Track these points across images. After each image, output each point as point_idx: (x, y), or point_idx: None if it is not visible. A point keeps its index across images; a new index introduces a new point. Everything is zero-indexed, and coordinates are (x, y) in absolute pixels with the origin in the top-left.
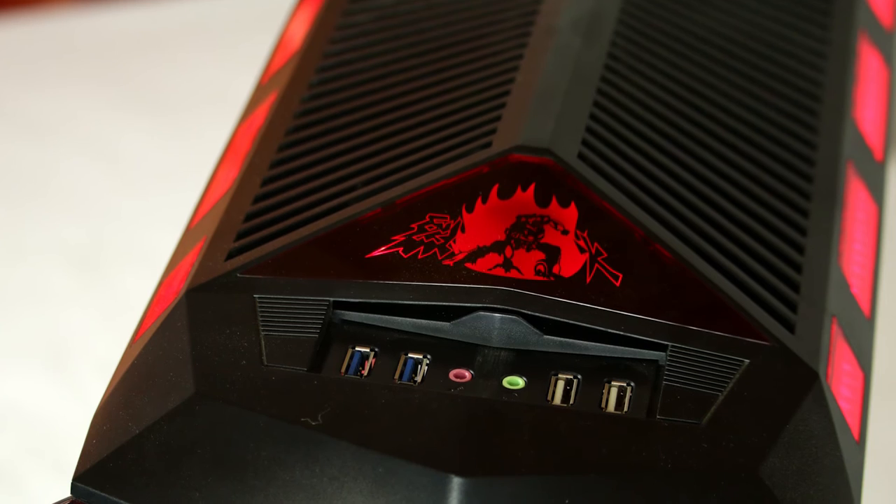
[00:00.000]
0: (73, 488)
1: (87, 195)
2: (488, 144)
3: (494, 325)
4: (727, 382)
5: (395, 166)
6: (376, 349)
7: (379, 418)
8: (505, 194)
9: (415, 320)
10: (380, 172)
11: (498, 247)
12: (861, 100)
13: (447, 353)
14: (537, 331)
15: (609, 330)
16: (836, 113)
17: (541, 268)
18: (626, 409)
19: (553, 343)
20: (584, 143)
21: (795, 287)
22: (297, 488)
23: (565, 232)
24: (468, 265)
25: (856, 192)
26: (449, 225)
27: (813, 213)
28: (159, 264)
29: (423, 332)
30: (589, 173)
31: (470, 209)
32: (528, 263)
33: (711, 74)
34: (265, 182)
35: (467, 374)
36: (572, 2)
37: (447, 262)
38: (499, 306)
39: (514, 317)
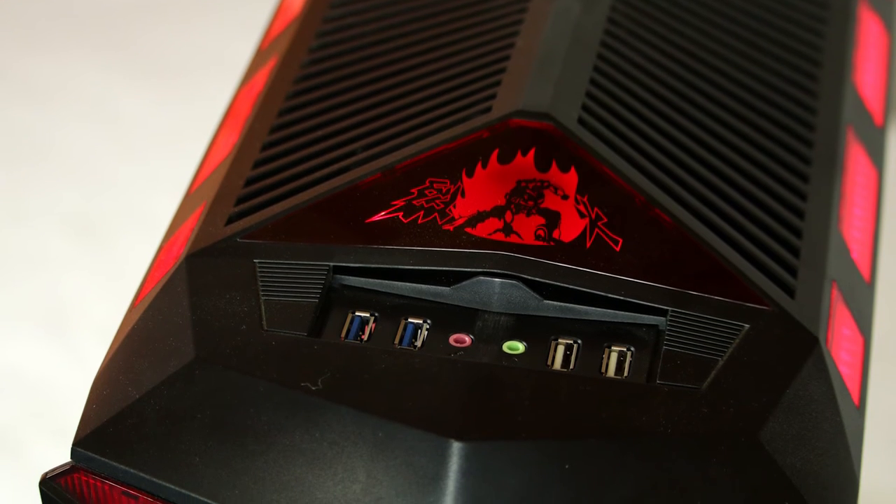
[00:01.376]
0: (73, 453)
1: (86, 160)
2: (488, 109)
3: (494, 290)
4: (727, 347)
5: (395, 131)
6: (376, 314)
7: (379, 383)
8: (505, 159)
9: (415, 285)
10: (380, 137)
11: (498, 211)
12: (861, 64)
13: (447, 317)
14: (537, 295)
15: (609, 295)
16: (836, 78)
17: (541, 232)
18: (626, 373)
19: (553, 308)
20: (584, 107)
21: (795, 252)
22: (296, 453)
23: (565, 197)
24: (468, 230)
25: (856, 157)
26: (449, 190)
27: (813, 178)
28: (159, 229)
29: (423, 297)
30: (589, 138)
31: (470, 174)
32: (528, 228)
33: (711, 39)
34: (265, 147)
35: (467, 339)
36: None
37: (447, 226)
38: (499, 271)
39: (514, 281)
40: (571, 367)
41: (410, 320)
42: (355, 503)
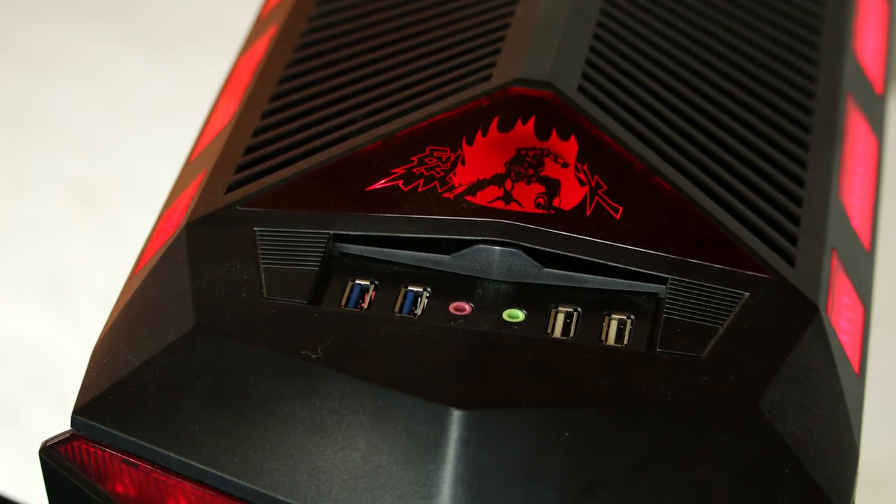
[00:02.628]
0: (73, 421)
1: (87, 128)
2: (488, 77)
3: (494, 258)
4: (727, 315)
5: (395, 99)
6: (376, 282)
7: (379, 351)
8: (505, 127)
9: (415, 253)
10: (380, 105)
11: (498, 180)
12: (861, 32)
13: (447, 285)
14: (537, 263)
15: (609, 263)
16: (836, 46)
17: (541, 201)
18: (626, 341)
19: (553, 276)
20: (584, 76)
21: (795, 220)
22: (296, 421)
23: (565, 165)
24: (468, 198)
25: (856, 125)
26: (449, 158)
27: (813, 146)
28: (159, 197)
29: (423, 265)
30: (589, 106)
31: (470, 142)
32: (528, 196)
33: (711, 7)
34: (265, 115)
35: (467, 307)
36: None
37: (447, 195)
38: (499, 239)
39: (514, 249)
40: (571, 335)
41: (410, 288)
42: (355, 471)
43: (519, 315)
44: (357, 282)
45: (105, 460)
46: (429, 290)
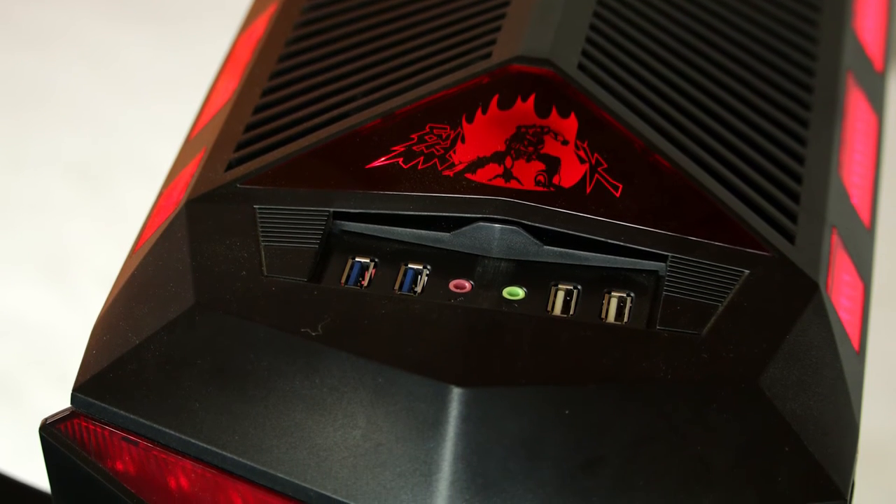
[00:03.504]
0: (73, 399)
1: (87, 106)
2: (488, 55)
3: (494, 236)
4: (727, 293)
5: (395, 77)
6: (376, 259)
7: (379, 329)
8: (505, 105)
9: (415, 231)
10: (380, 83)
11: (498, 157)
12: (861, 10)
13: (447, 263)
14: (537, 241)
15: (609, 240)
16: (836, 23)
17: (541, 178)
18: (626, 319)
19: (553, 253)
20: (584, 53)
21: (795, 197)
22: (296, 399)
23: (565, 142)
24: (468, 176)
25: (856, 103)
26: (449, 135)
27: (813, 124)
28: (159, 175)
29: (423, 243)
30: (589, 84)
31: (470, 120)
32: (528, 174)
33: None
34: (265, 93)
35: (467, 285)
36: None
37: (447, 172)
38: (499, 217)
39: (514, 227)
40: (571, 312)
41: (410, 266)
42: (355, 448)
43: (519, 293)
44: (357, 259)
45: (105, 438)
46: (429, 267)
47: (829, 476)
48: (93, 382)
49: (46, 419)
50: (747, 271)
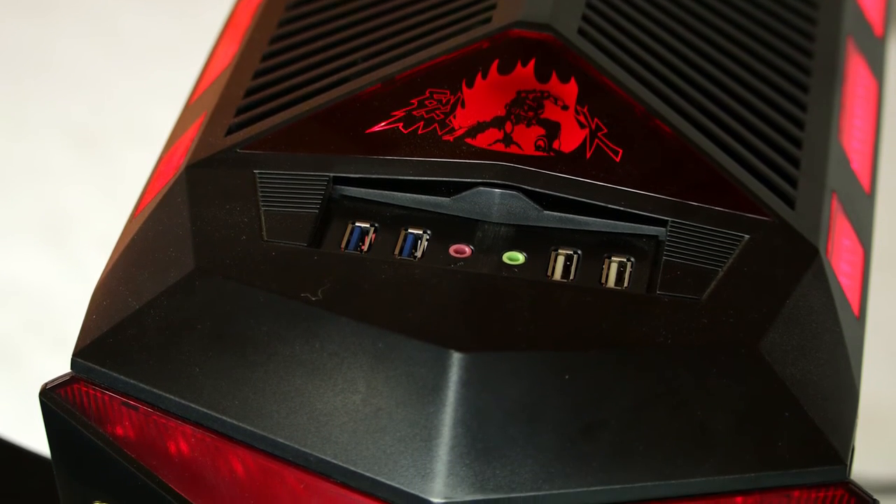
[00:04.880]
0: (73, 364)
1: (86, 72)
2: (488, 20)
3: (494, 201)
4: (727, 258)
5: (395, 42)
6: (376, 224)
7: (379, 294)
8: (505, 70)
9: (415, 196)
10: (380, 48)
11: (498, 122)
12: None
13: (447, 228)
14: (537, 206)
15: (609, 205)
16: None
17: (541, 143)
18: (626, 284)
19: (553, 218)
20: (585, 18)
21: (795, 162)
22: (296, 364)
23: (565, 107)
24: (468, 140)
25: (856, 68)
26: (449, 100)
27: (813, 89)
28: (159, 140)
29: (423, 208)
30: (589, 49)
31: (470, 85)
32: (528, 139)
33: None
34: (265, 57)
35: (467, 250)
36: None
37: (447, 137)
38: (499, 181)
39: (513, 192)
40: (571, 277)
41: (410, 231)
42: (355, 413)
43: (519, 258)
44: (357, 224)
45: (105, 403)
46: (429, 232)
47: (829, 441)
48: (93, 347)
49: (46, 384)
50: (747, 236)
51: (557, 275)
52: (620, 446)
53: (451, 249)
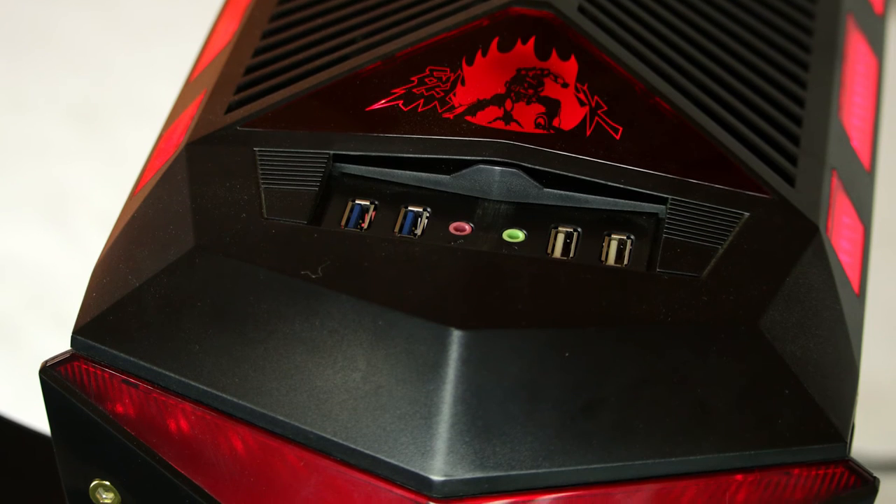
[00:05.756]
0: (73, 341)
1: (87, 48)
2: None
3: (494, 178)
4: (727, 235)
5: (395, 19)
6: (376, 202)
7: (379, 271)
8: (505, 47)
9: (415, 173)
10: (380, 25)
11: (498, 100)
12: None
13: (447, 205)
14: (537, 184)
15: (609, 183)
16: None
17: (541, 121)
18: (626, 261)
19: (553, 196)
20: None
21: (795, 140)
22: (296, 341)
23: (565, 85)
24: (468, 118)
25: (856, 45)
26: (449, 78)
27: (813, 66)
28: (159, 117)
29: (424, 185)
30: (589, 26)
31: (470, 62)
32: (528, 116)
33: None
34: (265, 35)
35: (467, 227)
36: None
37: (447, 115)
38: (499, 159)
39: (514, 170)
40: (571, 255)
41: (410, 208)
42: (355, 391)
43: (519, 235)
44: (357, 202)
45: (105, 380)
46: (429, 210)
47: (829, 418)
48: (93, 325)
49: (46, 362)
50: (747, 214)
51: (557, 252)
52: (620, 424)
53: (451, 227)
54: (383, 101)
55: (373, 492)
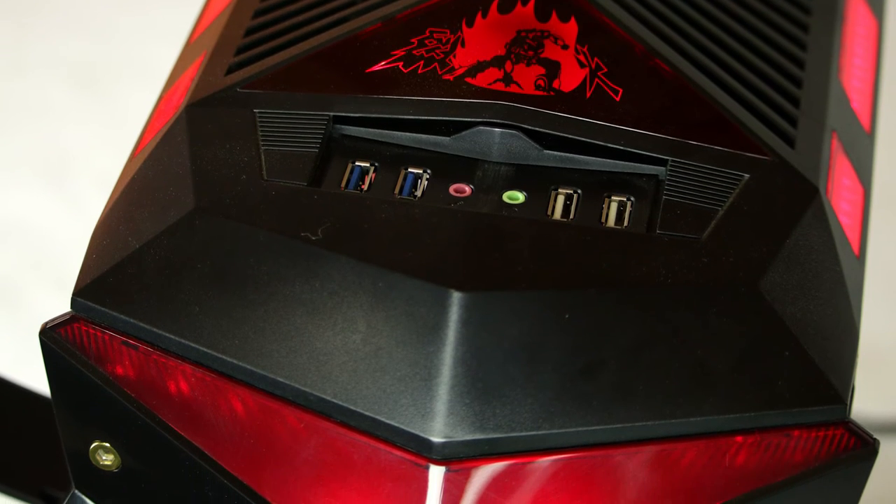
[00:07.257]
0: (73, 303)
1: (87, 9)
2: None
3: (494, 140)
4: (727, 197)
5: None
6: (376, 164)
7: (379, 233)
8: (505, 9)
9: (415, 135)
10: None
11: (498, 61)
12: None
13: (447, 167)
14: (537, 145)
15: (609, 144)
16: None
17: (541, 82)
18: (626, 223)
19: (553, 158)
20: None
21: (795, 102)
22: (296, 303)
23: (565, 47)
24: (468, 80)
25: (856, 7)
26: (449, 40)
27: (813, 28)
28: (159, 79)
29: (423, 147)
30: None
31: (470, 24)
32: (528, 78)
33: None
34: None
35: (467, 189)
36: None
37: (447, 76)
38: (499, 121)
39: (514, 131)
40: (571, 216)
41: (410, 170)
42: (355, 353)
43: (519, 197)
44: (357, 163)
45: (105, 342)
46: (429, 171)
47: (829, 380)
48: (93, 287)
49: (46, 323)
50: (747, 175)
51: (557, 214)
52: (620, 385)
53: (451, 188)
54: (383, 63)
55: (373, 453)
